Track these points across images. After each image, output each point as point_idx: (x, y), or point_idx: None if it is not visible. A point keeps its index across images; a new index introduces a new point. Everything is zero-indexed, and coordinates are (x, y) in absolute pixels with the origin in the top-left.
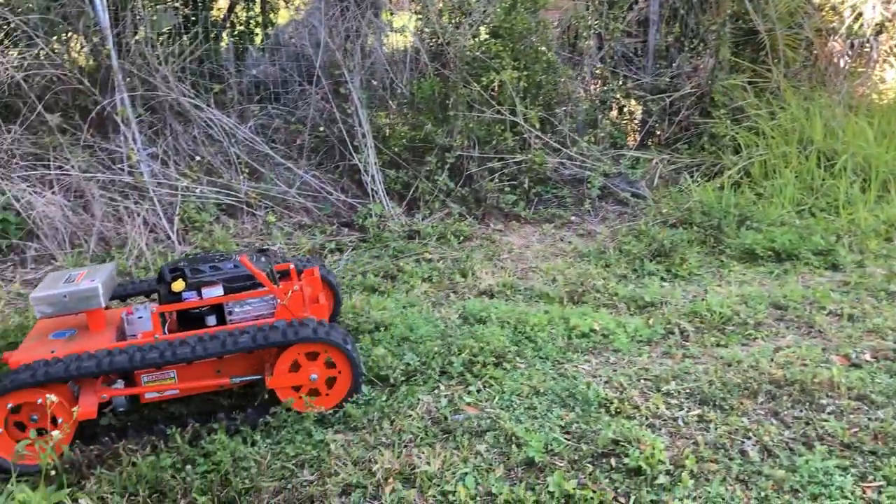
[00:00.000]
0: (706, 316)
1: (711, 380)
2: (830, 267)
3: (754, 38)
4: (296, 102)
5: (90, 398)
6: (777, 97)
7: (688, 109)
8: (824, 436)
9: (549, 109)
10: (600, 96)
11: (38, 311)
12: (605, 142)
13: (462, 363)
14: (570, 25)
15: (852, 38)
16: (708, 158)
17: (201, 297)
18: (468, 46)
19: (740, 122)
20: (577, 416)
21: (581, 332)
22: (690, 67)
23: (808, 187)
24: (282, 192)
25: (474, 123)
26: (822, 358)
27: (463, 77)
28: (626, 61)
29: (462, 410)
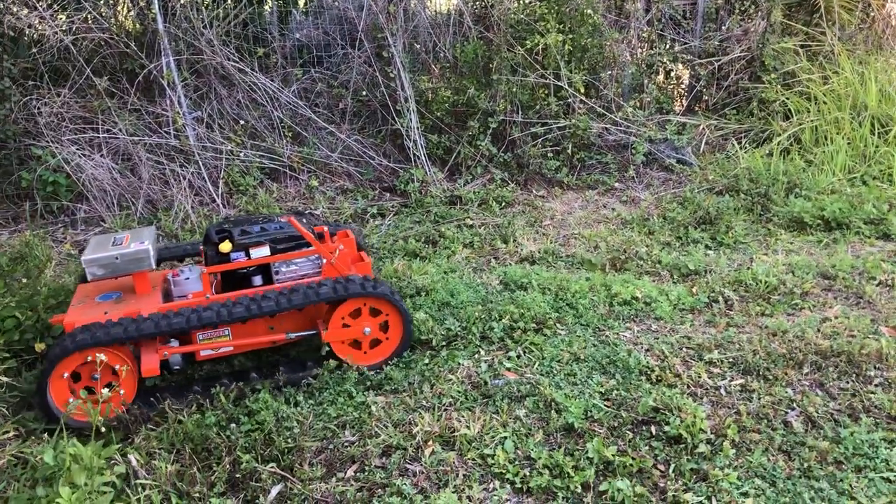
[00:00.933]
0: (751, 285)
1: (755, 349)
2: (882, 236)
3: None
4: (338, 66)
5: (152, 356)
6: (830, 61)
7: (737, 74)
8: (871, 408)
9: (593, 73)
10: (647, 60)
11: (90, 273)
12: (650, 107)
13: (502, 329)
14: None
15: None
16: (757, 124)
17: (249, 257)
18: (512, 9)
19: (791, 87)
20: (617, 384)
21: (623, 300)
22: (741, 30)
23: (861, 155)
24: (324, 156)
25: (517, 88)
26: (871, 329)
27: (507, 40)
28: (674, 24)
29: (502, 375)
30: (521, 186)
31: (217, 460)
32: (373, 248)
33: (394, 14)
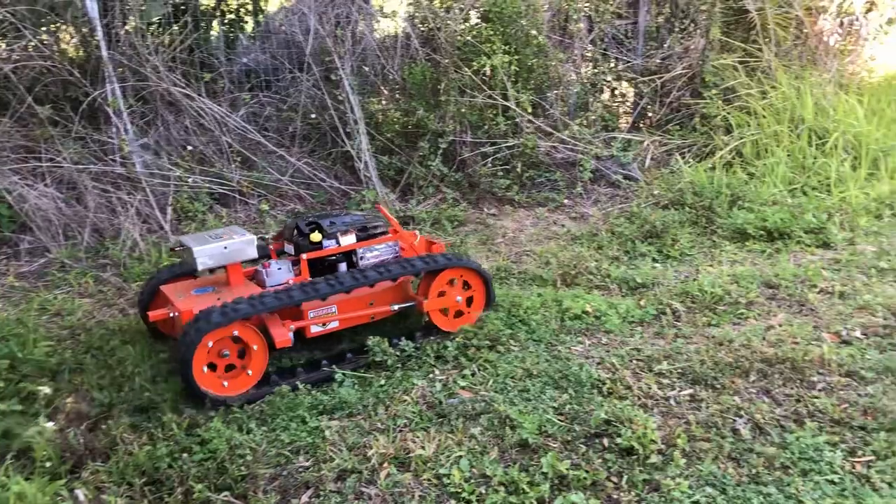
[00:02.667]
0: (698, 296)
1: (703, 359)
2: (822, 245)
3: (744, 17)
4: (287, 90)
5: (281, 330)
6: (768, 76)
7: (679, 90)
8: (815, 412)
9: (540, 93)
10: (591, 79)
11: (201, 263)
12: (596, 125)
13: (456, 347)
14: (560, 8)
15: (842, 16)
16: (699, 139)
17: (339, 244)
18: (459, 31)
19: (731, 102)
20: (570, 398)
21: (574, 315)
22: (681, 48)
23: (800, 166)
24: (274, 179)
25: (466, 108)
26: (814, 335)
27: (454, 62)
28: (616, 43)
29: (457, 394)
30: (472, 205)
31: (169, 491)
32: None
33: (341, 37)
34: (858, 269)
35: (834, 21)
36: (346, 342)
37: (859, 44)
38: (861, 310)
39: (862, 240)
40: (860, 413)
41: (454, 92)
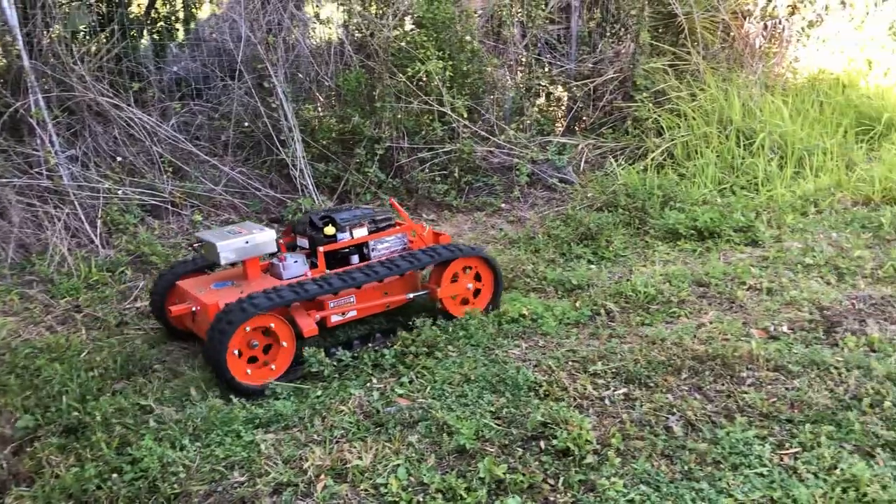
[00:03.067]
0: (631, 296)
1: (637, 358)
2: (750, 243)
3: (673, 21)
4: (219, 98)
5: (307, 320)
6: (697, 79)
7: (611, 94)
8: (744, 407)
9: (476, 98)
10: (526, 84)
11: (224, 257)
12: (532, 129)
13: (394, 355)
14: (494, 14)
15: (766, 19)
16: (632, 142)
17: (353, 236)
18: (392, 37)
19: (662, 105)
20: (507, 401)
21: (511, 318)
22: (613, 53)
23: (729, 166)
24: (208, 189)
25: (402, 114)
26: (743, 332)
27: (388, 68)
28: (550, 48)
29: (394, 402)
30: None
31: None
32: None
33: (273, 45)
34: (785, 265)
35: (759, 24)
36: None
37: (783, 46)
38: (788, 305)
39: (788, 237)
40: (787, 406)
41: (389, 98)
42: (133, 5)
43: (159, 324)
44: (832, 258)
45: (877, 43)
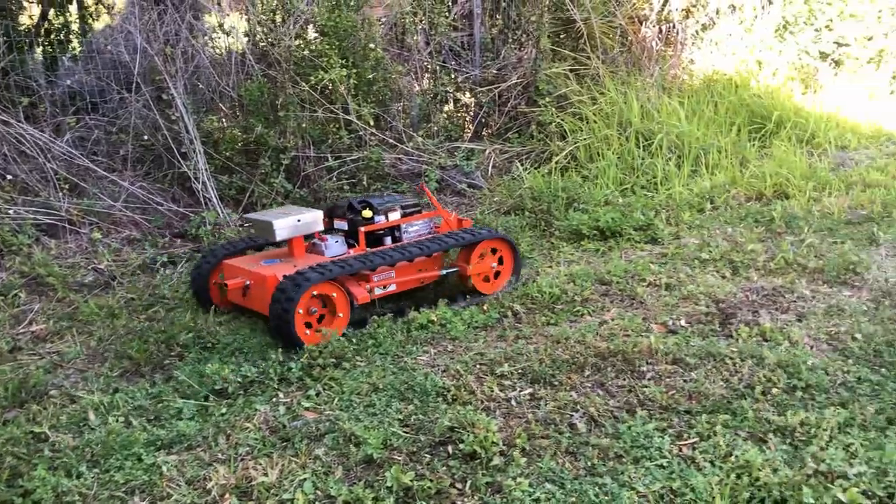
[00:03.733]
0: (537, 297)
1: (542, 358)
2: (650, 241)
3: (572, 27)
4: (116, 112)
5: (360, 289)
6: (597, 83)
7: (516, 99)
8: (645, 401)
9: (382, 106)
10: (432, 91)
11: (279, 234)
12: (440, 135)
13: (301, 368)
14: (397, 22)
15: (661, 23)
16: (537, 146)
17: (388, 219)
18: (294, 46)
19: (565, 109)
20: (415, 408)
21: (420, 325)
22: (515, 58)
23: (630, 167)
24: (107, 206)
25: (307, 123)
26: (643, 327)
27: (291, 77)
28: (454, 55)
29: (300, 416)
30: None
31: None
32: (165, 299)
33: (171, 56)
34: (683, 261)
35: (654, 28)
36: None
37: (678, 49)
38: (685, 300)
39: (686, 233)
40: (685, 398)
41: (293, 107)
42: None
43: (197, 300)
44: (727, 252)
45: (765, 44)
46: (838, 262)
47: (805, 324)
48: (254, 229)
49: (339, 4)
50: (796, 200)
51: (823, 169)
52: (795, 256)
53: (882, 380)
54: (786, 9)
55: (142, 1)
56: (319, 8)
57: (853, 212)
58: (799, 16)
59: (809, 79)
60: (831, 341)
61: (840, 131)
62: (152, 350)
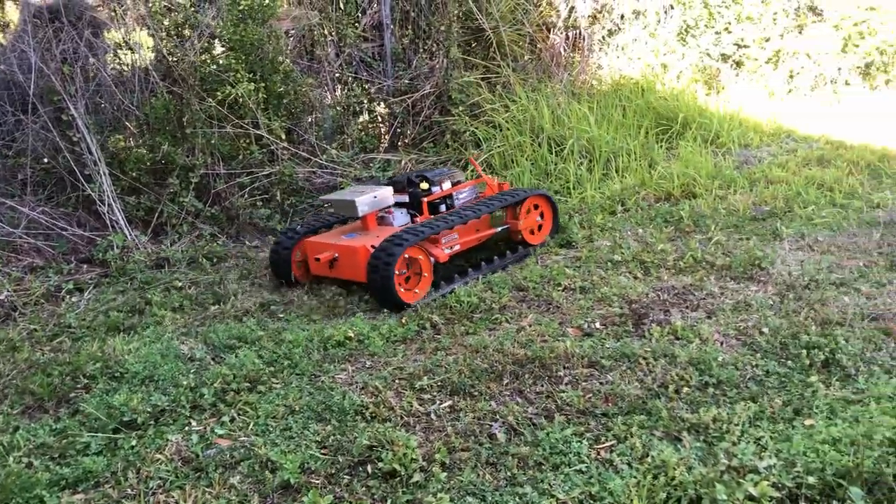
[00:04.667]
0: (456, 307)
1: (461, 369)
2: (565, 244)
3: (482, 36)
4: (12, 135)
5: (438, 250)
6: (508, 91)
7: (429, 109)
8: (563, 406)
9: (294, 119)
10: (344, 102)
11: (361, 209)
12: (354, 147)
13: (214, 394)
14: (305, 34)
15: (569, 30)
16: (453, 154)
17: (442, 189)
18: (198, 62)
19: (478, 118)
20: (333, 429)
21: (337, 342)
22: (427, 68)
23: (543, 172)
24: (6, 233)
25: (216, 140)
26: (559, 332)
27: (197, 93)
28: (366, 66)
29: (214, 444)
30: (233, 239)
31: None
32: (70, 328)
33: (70, 75)
34: (596, 263)
35: (562, 35)
36: None
37: (586, 55)
38: (600, 302)
39: (599, 236)
40: (602, 401)
41: (200, 123)
42: None
43: (277, 277)
44: (639, 253)
45: (668, 48)
46: (744, 258)
47: (715, 320)
48: (333, 208)
49: (245, 18)
50: (703, 199)
51: (728, 167)
52: (704, 254)
53: (789, 372)
54: (686, 13)
55: (35, 19)
56: (225, 22)
57: (757, 208)
58: (699, 19)
59: (712, 80)
60: (740, 336)
61: (743, 130)
62: (56, 383)
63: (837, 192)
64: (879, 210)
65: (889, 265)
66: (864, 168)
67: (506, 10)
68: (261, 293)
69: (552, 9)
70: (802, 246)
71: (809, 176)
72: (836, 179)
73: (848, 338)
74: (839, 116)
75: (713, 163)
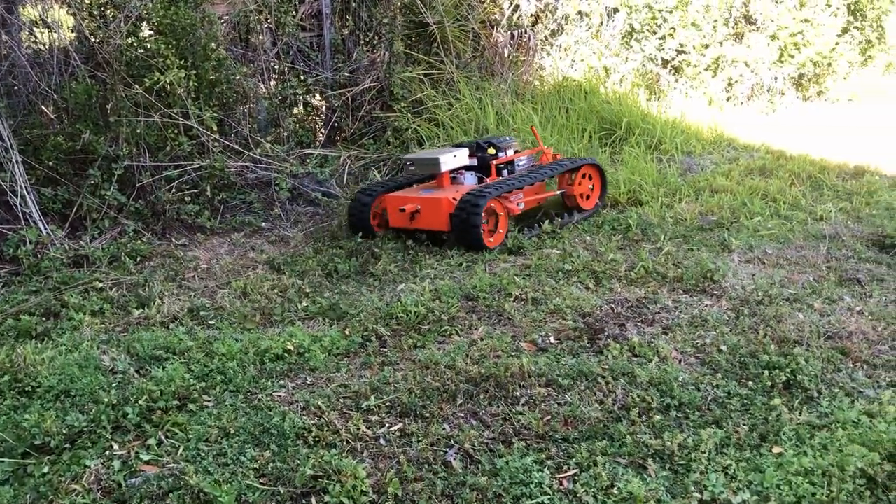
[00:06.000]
0: (402, 317)
1: (411, 387)
2: (514, 251)
3: (426, 30)
4: None
5: (513, 205)
6: (452, 88)
7: (370, 104)
8: (521, 430)
9: (226, 110)
10: (280, 94)
11: (444, 166)
12: (290, 141)
13: (139, 412)
14: (241, 21)
15: (512, 29)
16: (394, 152)
17: (507, 154)
18: (125, 45)
19: (421, 115)
20: (273, 454)
21: (275, 355)
22: (368, 61)
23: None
24: None
25: (143, 129)
26: (513, 346)
27: (122, 79)
28: (303, 56)
29: (139, 472)
30: (158, 236)
31: None
32: None
33: None
34: (547, 273)
35: (506, 34)
36: None
37: (530, 55)
38: (553, 314)
39: (548, 243)
40: (561, 424)
41: (126, 111)
42: None
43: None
44: (589, 263)
45: (612, 51)
46: (696, 270)
47: (671, 336)
48: (415, 166)
49: (177, 0)
50: (650, 207)
51: (673, 175)
52: (655, 265)
53: (750, 393)
54: (631, 16)
55: None
56: (154, 4)
57: (704, 218)
58: (644, 23)
59: (653, 85)
60: (698, 354)
61: (685, 137)
62: None
63: (781, 204)
64: (823, 223)
65: (839, 280)
66: (806, 179)
67: (450, 5)
68: (189, 297)
69: (496, 6)
70: (752, 258)
71: (753, 186)
72: (780, 190)
73: (807, 358)
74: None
75: (657, 169)
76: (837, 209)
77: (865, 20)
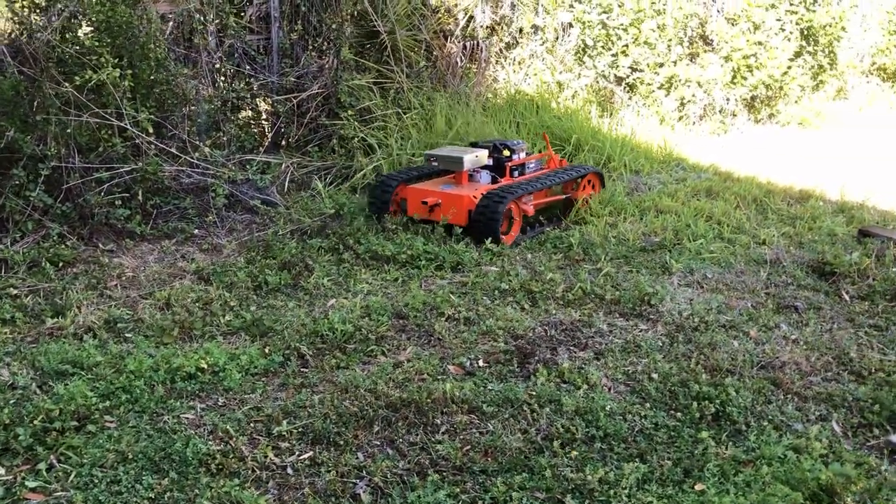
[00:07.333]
0: (328, 335)
1: (327, 412)
2: (455, 267)
3: (377, 38)
4: None
5: (527, 206)
6: (402, 97)
7: (316, 110)
8: (438, 461)
9: (165, 112)
10: (222, 97)
11: (467, 165)
12: (231, 146)
13: (32, 434)
14: (184, 20)
15: (466, 39)
16: (339, 161)
17: (519, 157)
18: (56, 41)
19: (369, 123)
20: (171, 483)
21: (187, 373)
22: (316, 67)
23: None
24: None
25: (73, 129)
26: (440, 369)
27: (52, 76)
28: (249, 59)
29: (23, 500)
30: (84, 241)
31: None
32: None
33: None
34: (483, 291)
35: (459, 44)
36: None
37: (483, 67)
38: (485, 335)
39: (487, 260)
40: (481, 455)
41: (55, 110)
42: None
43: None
44: (526, 282)
45: (565, 66)
46: (634, 293)
47: (603, 362)
48: (439, 163)
49: None
50: (594, 226)
51: (619, 194)
52: (593, 286)
53: (678, 425)
54: (585, 32)
55: None
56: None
57: (647, 239)
58: (597, 40)
59: (606, 102)
60: (629, 382)
61: (634, 155)
62: None
63: (725, 227)
64: (765, 247)
65: (776, 307)
66: (751, 202)
67: (402, 14)
68: (108, 307)
69: (450, 16)
70: (691, 282)
71: (698, 207)
72: (724, 212)
73: (738, 389)
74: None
75: None
76: (780, 234)
77: (818, 45)
